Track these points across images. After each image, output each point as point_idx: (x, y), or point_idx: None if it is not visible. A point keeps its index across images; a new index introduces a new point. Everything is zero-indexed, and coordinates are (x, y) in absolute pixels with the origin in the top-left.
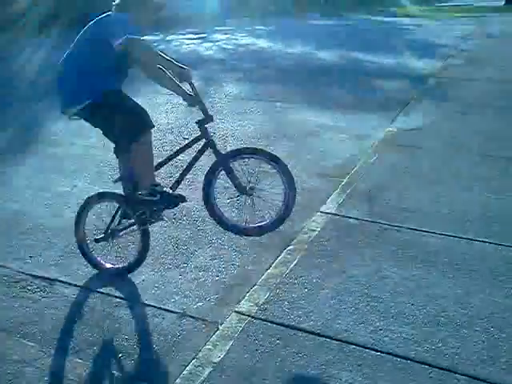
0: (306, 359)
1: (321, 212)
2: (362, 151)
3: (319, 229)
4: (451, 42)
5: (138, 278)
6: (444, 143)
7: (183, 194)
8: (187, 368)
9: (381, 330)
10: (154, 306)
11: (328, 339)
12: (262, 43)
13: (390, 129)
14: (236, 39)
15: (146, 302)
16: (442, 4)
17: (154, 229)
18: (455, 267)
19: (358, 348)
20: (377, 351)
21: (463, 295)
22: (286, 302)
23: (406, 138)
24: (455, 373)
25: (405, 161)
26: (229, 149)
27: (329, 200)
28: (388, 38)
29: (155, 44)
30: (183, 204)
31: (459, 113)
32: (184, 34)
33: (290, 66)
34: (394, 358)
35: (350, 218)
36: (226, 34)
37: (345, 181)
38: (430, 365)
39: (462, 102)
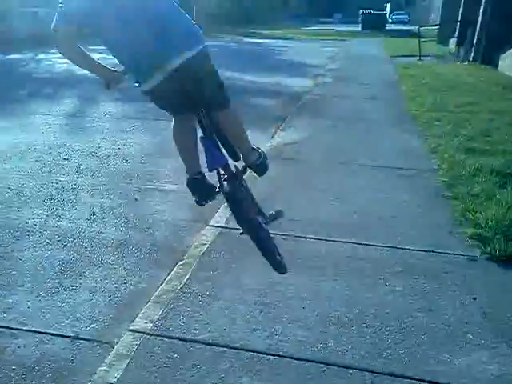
0: (205, 370)
1: (210, 226)
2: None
3: (210, 242)
4: (320, 62)
5: (22, 304)
6: (320, 155)
7: None
8: None
9: (276, 334)
10: (43, 332)
11: (225, 348)
12: None
13: (270, 143)
14: (112, 58)
15: (33, 328)
16: (308, 28)
17: (36, 253)
18: (341, 269)
19: (255, 354)
20: (274, 355)
21: (350, 295)
22: (181, 316)
23: (285, 152)
24: (348, 368)
25: (286, 173)
26: (112, 169)
27: (217, 213)
28: (262, 58)
29: (24, 64)
30: (68, 225)
31: (331, 126)
32: (56, 53)
33: None
34: (291, 360)
35: (239, 229)
36: (101, 53)
37: None
38: (324, 363)
39: (332, 116)
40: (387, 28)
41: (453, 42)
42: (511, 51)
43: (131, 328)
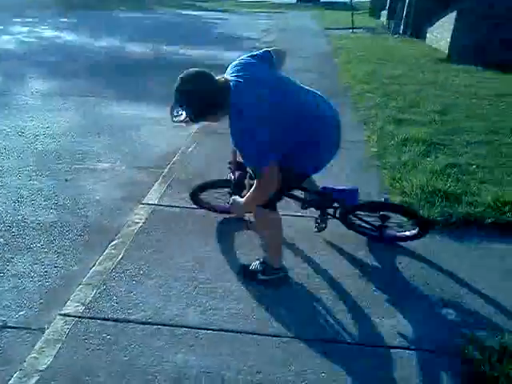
0: (139, 349)
1: (143, 204)
2: (181, 141)
3: (143, 220)
4: (255, 34)
5: None
6: None
7: None
8: (10, 382)
9: (210, 309)
10: None
11: (160, 326)
12: (68, 36)
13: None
14: (39, 32)
15: None
16: (244, 0)
17: None
18: None
19: (189, 330)
20: (208, 329)
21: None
22: (114, 297)
23: (220, 126)
24: (280, 336)
25: (221, 147)
26: (40, 149)
27: (151, 191)
28: (197, 31)
29: None
30: None
31: None
32: None
33: (101, 59)
34: (224, 333)
35: (173, 206)
36: (26, 26)
37: (165, 171)
38: (257, 334)
39: None
40: (322, 0)
41: (384, 15)
42: (437, 24)
43: (62, 312)
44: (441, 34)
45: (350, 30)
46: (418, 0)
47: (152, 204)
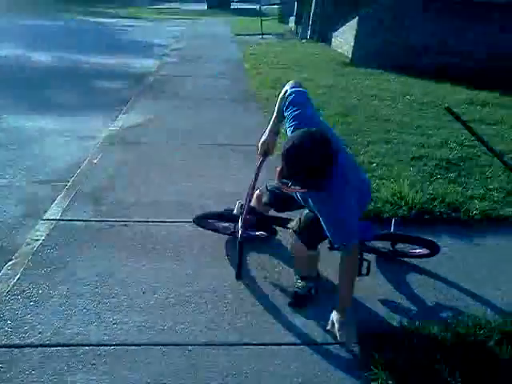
0: (36, 375)
1: (44, 220)
2: (86, 152)
3: (43, 237)
4: (166, 42)
5: None
6: (165, 136)
7: None
8: None
9: (114, 324)
10: None
11: (59, 347)
12: None
13: (113, 127)
14: None
15: None
16: (155, 7)
17: None
18: (181, 250)
19: (90, 348)
20: (111, 345)
21: (190, 274)
22: (8, 322)
23: (128, 135)
24: (186, 345)
25: (129, 157)
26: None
27: (52, 206)
28: (106, 39)
29: None
30: None
31: (176, 106)
32: None
33: (1, 70)
34: (128, 347)
35: (76, 220)
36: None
37: (69, 184)
38: (163, 344)
39: (177, 96)
40: (233, 7)
41: (292, 21)
42: (342, 29)
43: None
44: (345, 38)
45: (260, 36)
46: (323, 6)
47: (54, 219)
